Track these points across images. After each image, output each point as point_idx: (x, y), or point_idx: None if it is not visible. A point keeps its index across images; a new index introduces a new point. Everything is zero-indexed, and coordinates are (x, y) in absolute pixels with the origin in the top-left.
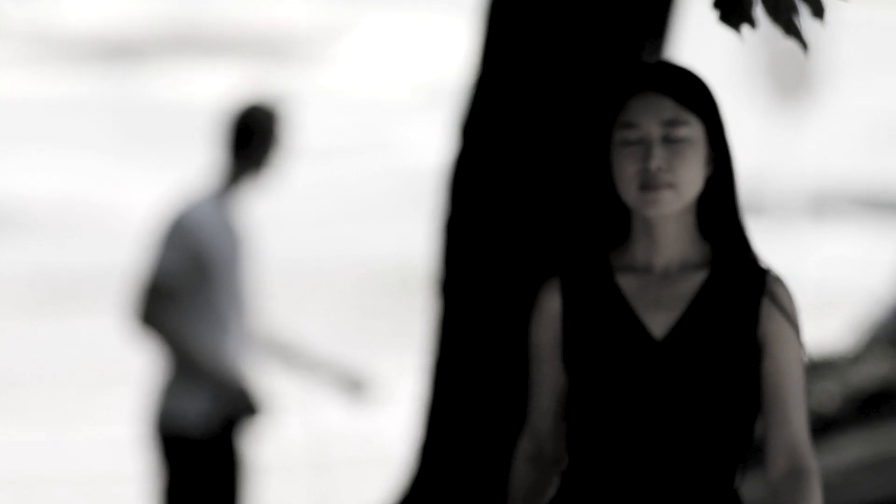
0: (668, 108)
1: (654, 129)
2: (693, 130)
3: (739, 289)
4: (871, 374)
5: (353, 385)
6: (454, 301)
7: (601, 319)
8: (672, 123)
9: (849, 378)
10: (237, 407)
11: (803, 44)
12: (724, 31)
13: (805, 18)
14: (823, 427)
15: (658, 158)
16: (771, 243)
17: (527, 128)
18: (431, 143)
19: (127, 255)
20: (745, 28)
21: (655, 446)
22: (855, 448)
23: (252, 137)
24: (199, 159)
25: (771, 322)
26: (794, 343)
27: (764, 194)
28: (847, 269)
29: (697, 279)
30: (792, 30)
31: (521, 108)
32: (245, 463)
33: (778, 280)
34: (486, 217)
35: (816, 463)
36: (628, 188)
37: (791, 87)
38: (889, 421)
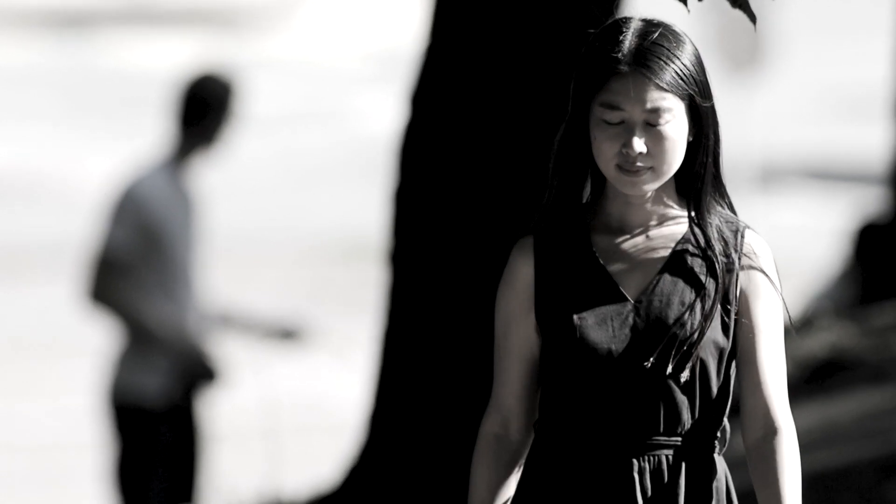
0: (651, 93)
1: (636, 114)
2: (675, 113)
3: (716, 247)
4: (819, 343)
5: (287, 334)
6: (403, 271)
7: (576, 281)
8: (654, 110)
9: (797, 347)
10: (195, 374)
11: (751, 16)
12: (674, 3)
13: None
14: None
15: (639, 144)
16: None
17: (476, 98)
18: (383, 113)
19: (80, 225)
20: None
21: (631, 405)
22: (804, 417)
23: (207, 111)
24: (152, 130)
25: (747, 281)
26: (770, 302)
27: None
28: (795, 239)
29: (673, 238)
30: (739, 1)
31: (470, 77)
32: (202, 432)
33: (755, 237)
34: (435, 187)
35: (792, 424)
36: (607, 166)
37: (742, 59)
38: (837, 390)
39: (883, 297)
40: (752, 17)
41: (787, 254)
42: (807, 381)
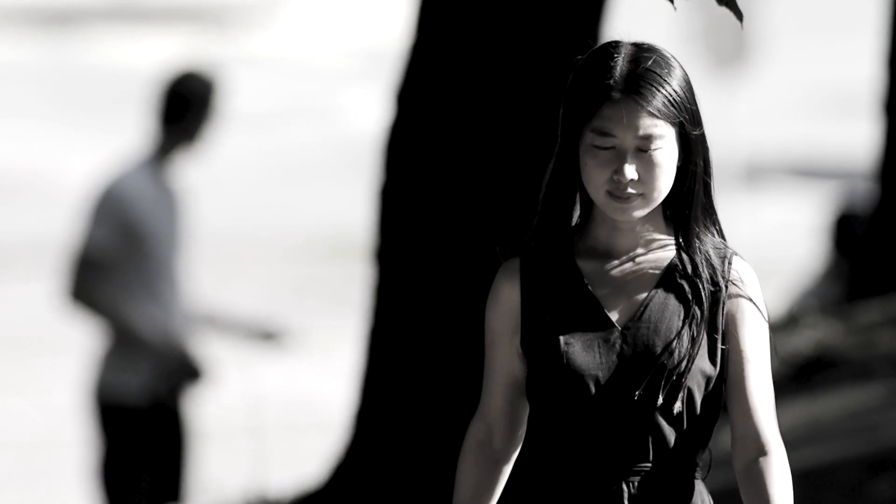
0: (644, 121)
1: (628, 141)
2: (666, 140)
3: (703, 275)
4: (804, 340)
5: (267, 336)
6: (389, 268)
7: (563, 305)
8: (647, 137)
9: (782, 345)
10: (178, 374)
11: (738, 13)
12: (660, 0)
13: None
14: None
15: (630, 171)
16: None
17: (461, 95)
18: (368, 111)
19: (65, 222)
20: None
21: (618, 432)
22: (790, 415)
23: (188, 108)
24: (138, 127)
25: (735, 308)
26: (757, 328)
27: None
28: (780, 236)
29: (661, 264)
30: None
31: (456, 75)
32: (189, 430)
33: (743, 265)
34: (420, 184)
35: (783, 448)
36: (597, 191)
37: (727, 56)
38: (823, 387)
39: (868, 294)
40: (739, 15)
41: (773, 251)
42: (792, 379)
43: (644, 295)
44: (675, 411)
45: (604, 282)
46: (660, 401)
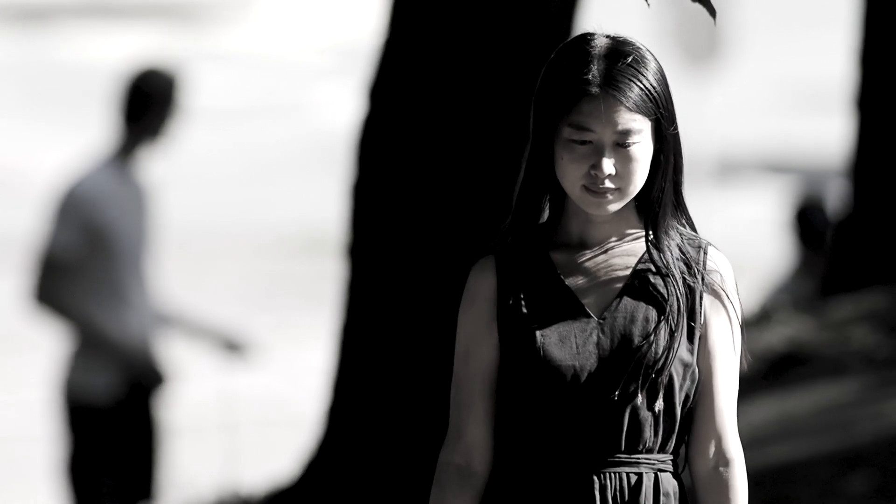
0: (623, 115)
1: (606, 136)
2: (644, 134)
3: (675, 269)
4: (777, 336)
5: (230, 346)
6: (362, 265)
7: (538, 298)
8: (625, 132)
9: (755, 341)
10: (143, 377)
11: (711, 10)
12: None
13: None
14: None
15: (609, 165)
16: None
17: (434, 92)
18: (341, 107)
19: (35, 218)
20: None
21: (593, 422)
22: (762, 411)
23: (150, 105)
24: (107, 124)
25: (710, 303)
26: (730, 326)
27: None
28: (752, 232)
29: (634, 255)
30: None
31: (429, 71)
32: (158, 429)
33: (718, 255)
34: (393, 181)
35: (742, 453)
36: (573, 186)
37: (700, 52)
38: (795, 384)
39: (841, 290)
40: (712, 11)
41: (745, 247)
42: (765, 375)
43: (619, 285)
44: (656, 409)
45: (578, 273)
46: (639, 399)
